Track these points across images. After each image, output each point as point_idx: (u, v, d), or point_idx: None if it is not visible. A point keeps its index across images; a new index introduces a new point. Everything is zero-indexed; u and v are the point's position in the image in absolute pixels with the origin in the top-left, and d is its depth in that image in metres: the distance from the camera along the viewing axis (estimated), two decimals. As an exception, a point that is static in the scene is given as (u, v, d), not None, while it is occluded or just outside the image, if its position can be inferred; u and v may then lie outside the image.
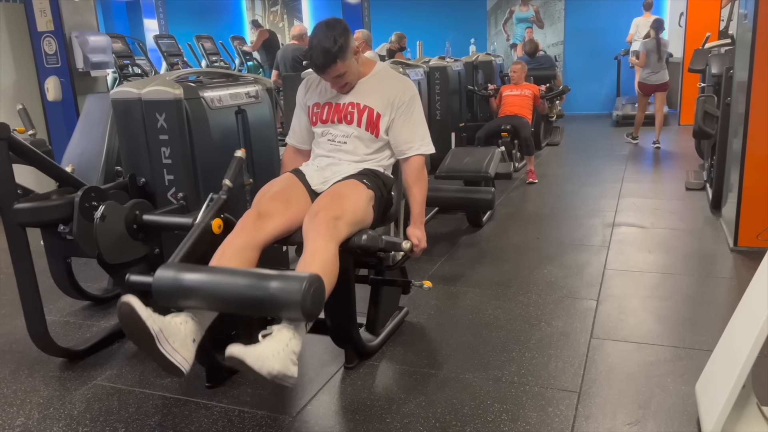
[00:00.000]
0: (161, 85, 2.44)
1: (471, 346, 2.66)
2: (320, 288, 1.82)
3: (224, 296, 1.85)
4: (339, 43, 2.23)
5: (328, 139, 2.43)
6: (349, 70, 2.33)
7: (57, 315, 3.20)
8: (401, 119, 2.38)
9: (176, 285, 1.89)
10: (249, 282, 1.82)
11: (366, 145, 2.40)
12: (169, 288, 1.90)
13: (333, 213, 2.05)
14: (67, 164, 3.23)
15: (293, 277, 1.80)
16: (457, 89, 6.12)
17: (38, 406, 2.35)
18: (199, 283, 1.88)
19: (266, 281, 1.80)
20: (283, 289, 1.77)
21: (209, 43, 8.67)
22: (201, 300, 1.90)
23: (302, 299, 1.74)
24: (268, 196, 2.23)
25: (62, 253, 2.89)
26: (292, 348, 1.83)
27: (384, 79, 2.43)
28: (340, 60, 2.26)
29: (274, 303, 1.78)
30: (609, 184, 5.50)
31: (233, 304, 1.88)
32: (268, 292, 1.78)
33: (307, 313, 1.77)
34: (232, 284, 1.84)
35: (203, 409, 2.27)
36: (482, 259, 3.78)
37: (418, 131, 2.41)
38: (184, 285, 1.89)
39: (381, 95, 2.38)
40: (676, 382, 2.32)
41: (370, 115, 2.36)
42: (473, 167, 4.11)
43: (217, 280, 1.87)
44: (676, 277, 3.38)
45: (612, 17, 10.31)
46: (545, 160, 6.96)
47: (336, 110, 2.41)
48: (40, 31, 5.42)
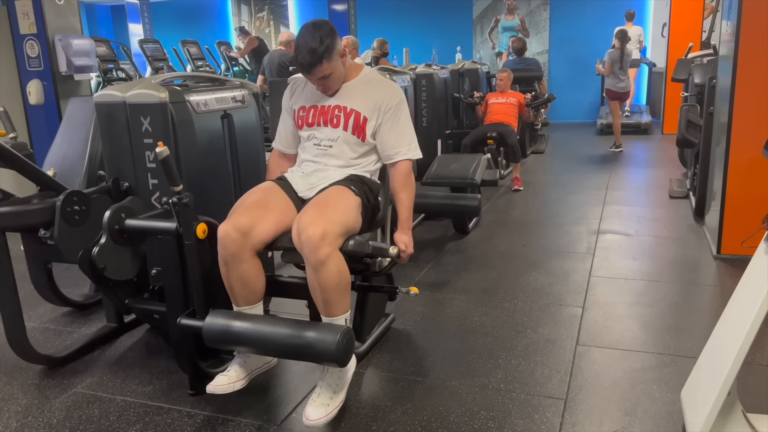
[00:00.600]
0: (146, 89, 2.41)
1: (457, 353, 2.65)
2: (351, 339, 2.04)
3: (270, 345, 2.08)
4: (326, 44, 2.22)
5: (314, 144, 2.41)
6: (335, 71, 2.31)
7: (37, 321, 3.14)
8: (388, 124, 2.37)
9: (226, 332, 2.11)
10: (290, 332, 2.03)
11: (352, 149, 2.38)
12: (220, 335, 2.12)
13: (321, 229, 2.03)
14: (48, 168, 3.19)
15: (329, 330, 2.00)
16: (443, 96, 6.13)
17: (16, 415, 2.30)
18: (246, 332, 2.09)
19: (304, 332, 2.01)
20: (320, 340, 1.98)
21: (195, 48, 8.62)
22: (250, 347, 2.14)
23: (336, 351, 1.94)
24: (242, 208, 2.21)
25: (43, 258, 2.85)
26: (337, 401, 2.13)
27: (371, 83, 2.42)
28: (326, 60, 2.25)
29: (313, 353, 2.00)
30: (594, 192, 5.54)
31: (276, 350, 2.14)
32: (307, 342, 1.99)
33: (341, 363, 2.00)
34: (275, 333, 2.05)
35: (186, 417, 2.24)
36: (468, 265, 3.78)
37: (405, 136, 2.40)
38: (232, 333, 2.10)
39: (368, 99, 2.37)
40: (662, 389, 2.32)
41: (356, 118, 2.35)
42: (459, 174, 4.11)
43: (261, 329, 2.08)
44: (660, 284, 3.39)
45: (596, 26, 10.42)
46: (530, 167, 7.00)
47: (322, 113, 2.39)
48: (22, 33, 5.35)
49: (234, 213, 2.21)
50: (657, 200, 5.22)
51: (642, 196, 5.49)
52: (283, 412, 2.27)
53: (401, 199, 2.37)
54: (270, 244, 2.21)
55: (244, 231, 2.12)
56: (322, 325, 2.09)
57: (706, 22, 8.76)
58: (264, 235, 2.16)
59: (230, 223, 2.15)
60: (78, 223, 2.47)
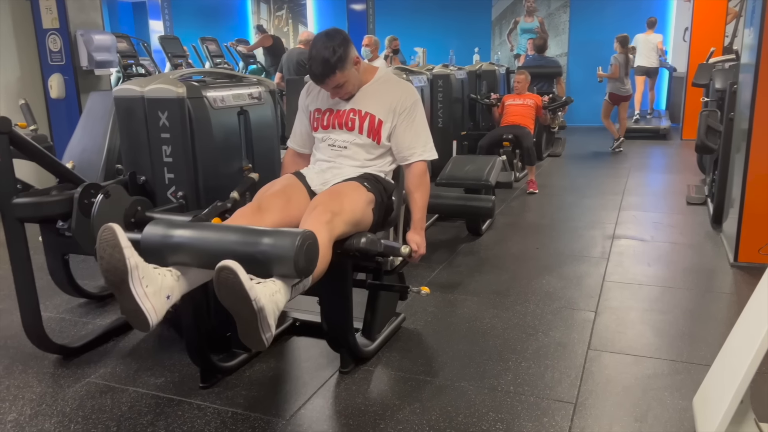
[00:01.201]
0: (164, 84, 2.44)
1: (467, 355, 2.65)
2: (314, 245, 1.78)
3: (214, 252, 1.76)
4: (338, 54, 2.23)
5: (329, 145, 2.42)
6: (349, 80, 2.32)
7: (53, 311, 3.19)
8: (403, 125, 2.37)
9: (165, 241, 1.84)
10: (240, 238, 1.78)
11: (367, 151, 2.39)
12: (158, 244, 1.84)
13: (330, 208, 2.04)
14: (68, 161, 3.24)
15: (286, 233, 1.76)
16: (459, 97, 6.12)
17: (31, 403, 2.33)
18: (188, 239, 1.82)
19: (258, 237, 1.76)
20: (275, 244, 1.72)
21: (213, 45, 8.68)
22: (189, 255, 1.83)
23: (295, 254, 1.69)
24: (270, 193, 2.23)
25: (60, 249, 2.89)
26: (277, 300, 1.73)
27: (385, 85, 2.43)
28: (339, 70, 2.25)
29: (267, 259, 1.72)
30: (610, 197, 5.49)
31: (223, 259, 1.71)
32: (260, 248, 1.73)
33: (300, 269, 1.72)
34: (223, 240, 1.79)
35: (196, 410, 2.26)
36: (481, 267, 3.77)
37: (420, 137, 2.40)
38: (173, 240, 1.83)
39: (383, 102, 2.37)
40: (674, 396, 2.30)
41: (371, 122, 2.36)
42: (474, 175, 4.10)
43: (206, 236, 1.82)
44: (675, 290, 3.36)
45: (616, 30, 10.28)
46: (546, 170, 6.96)
47: (337, 117, 2.40)
48: (45, 28, 5.43)
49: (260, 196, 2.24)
50: (674, 206, 5.17)
51: (659, 202, 5.44)
52: (292, 407, 2.28)
53: (415, 200, 2.38)
54: None
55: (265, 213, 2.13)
56: (281, 229, 1.86)
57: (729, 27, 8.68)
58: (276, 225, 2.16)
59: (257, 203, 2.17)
60: (95, 215, 2.49)
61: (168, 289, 1.80)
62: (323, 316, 2.43)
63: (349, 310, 2.39)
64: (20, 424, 2.19)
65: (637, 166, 7.04)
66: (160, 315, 1.78)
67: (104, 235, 1.71)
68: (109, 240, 1.70)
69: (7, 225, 2.41)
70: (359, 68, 2.36)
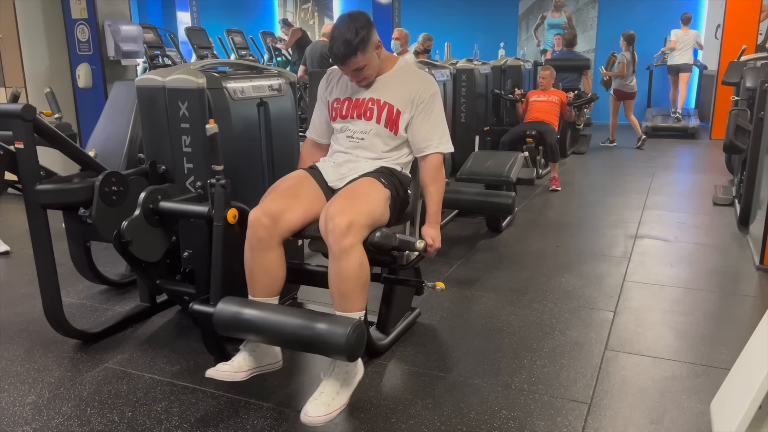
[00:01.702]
0: (185, 74, 2.46)
1: (482, 351, 2.63)
2: (363, 332, 1.98)
3: (279, 334, 2.04)
4: (361, 35, 2.21)
5: (347, 135, 2.41)
6: (369, 63, 2.30)
7: (75, 297, 3.24)
8: (421, 116, 2.36)
9: (236, 320, 2.07)
10: (300, 323, 2.00)
11: (384, 142, 2.38)
12: (229, 322, 2.09)
13: (349, 218, 2.03)
14: (91, 149, 3.28)
15: (339, 322, 1.95)
16: (483, 92, 6.08)
17: (49, 386, 2.38)
18: (256, 320, 2.05)
19: (315, 323, 1.97)
20: (330, 332, 1.92)
21: (239, 38, 8.73)
22: (259, 335, 2.10)
23: (346, 344, 1.90)
24: (274, 195, 2.22)
25: (82, 236, 2.93)
26: (339, 402, 2.03)
27: (405, 75, 2.41)
28: (360, 52, 2.24)
29: (322, 344, 1.95)
30: (634, 195, 5.41)
31: (286, 340, 2.08)
32: (316, 333, 1.95)
33: (350, 357, 1.96)
34: (285, 323, 2.01)
35: (210, 398, 2.28)
36: (499, 264, 3.74)
37: (437, 129, 2.38)
38: (242, 320, 2.06)
39: (402, 92, 2.36)
40: (691, 399, 2.26)
41: (389, 111, 2.34)
42: (494, 171, 4.07)
43: (272, 318, 2.04)
44: (697, 292, 3.30)
45: (646, 27, 10.14)
46: (570, 168, 6.88)
47: (355, 106, 2.39)
48: (74, 18, 5.51)
49: (266, 199, 2.23)
50: (700, 206, 5.07)
51: (684, 202, 5.34)
52: (304, 399, 2.25)
53: (430, 193, 2.36)
54: (298, 233, 2.23)
55: (274, 217, 2.14)
56: (334, 317, 2.04)
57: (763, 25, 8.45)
58: (292, 223, 2.18)
59: (261, 208, 2.17)
60: (115, 203, 2.53)
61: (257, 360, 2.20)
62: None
63: (364, 303, 2.38)
64: (38, 406, 2.23)
65: (663, 165, 6.92)
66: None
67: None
68: None
69: (29, 211, 2.45)
70: (380, 53, 2.34)
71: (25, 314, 3.01)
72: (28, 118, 2.33)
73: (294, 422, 2.13)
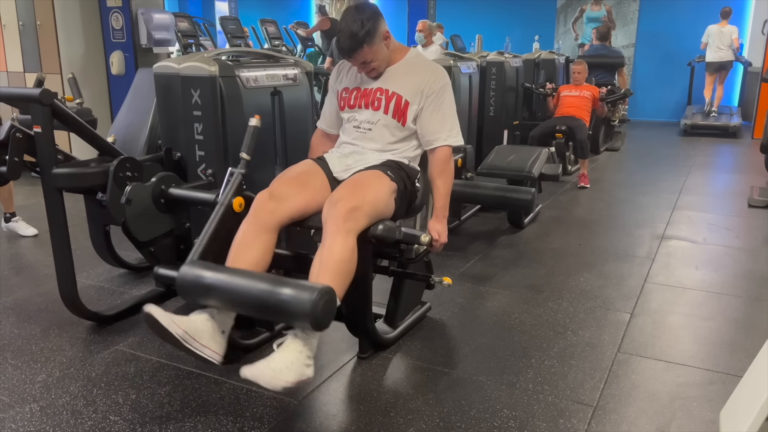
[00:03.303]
0: (198, 62, 2.47)
1: (490, 349, 2.59)
2: (331, 300, 1.85)
3: (242, 299, 1.92)
4: (366, 28, 2.19)
5: (354, 126, 2.39)
6: (377, 55, 2.28)
7: (94, 280, 3.31)
8: (430, 108, 2.32)
9: (197, 284, 1.97)
10: (264, 287, 1.87)
11: (391, 133, 2.35)
12: (191, 286, 1.99)
13: (352, 203, 2.02)
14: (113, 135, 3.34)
15: (305, 288, 1.83)
16: (513, 86, 5.99)
17: (60, 365, 2.43)
18: (218, 284, 1.94)
19: (280, 288, 1.84)
20: (294, 297, 1.80)
21: (273, 28, 8.77)
22: (219, 300, 1.97)
23: (312, 311, 1.77)
24: (283, 180, 2.22)
25: (101, 220, 2.99)
26: (306, 354, 1.90)
27: (415, 66, 2.37)
28: (367, 45, 2.22)
29: (286, 311, 1.83)
30: (665, 195, 5.25)
31: (249, 307, 1.96)
32: (281, 299, 1.82)
33: (316, 325, 1.81)
34: (249, 288, 1.89)
35: (213, 384, 2.30)
36: (518, 261, 3.68)
37: (446, 122, 2.34)
38: (205, 284, 1.96)
39: (411, 82, 2.32)
40: (702, 407, 2.18)
41: (398, 102, 2.31)
42: (516, 166, 3.99)
43: (235, 282, 1.93)
44: (721, 296, 3.18)
45: (688, 21, 9.85)
46: (602, 164, 6.73)
47: (364, 95, 2.37)
48: (109, 6, 5.62)
49: (275, 183, 2.23)
50: (734, 208, 4.90)
51: (717, 203, 5.17)
52: (307, 389, 2.28)
53: (437, 187, 2.32)
54: (299, 222, 2.22)
55: (280, 202, 2.13)
56: (302, 282, 1.90)
57: (812, 21, 8.11)
58: (294, 211, 2.17)
59: (269, 191, 2.16)
60: (129, 188, 2.57)
61: (219, 327, 2.02)
62: (343, 301, 2.41)
63: (368, 295, 2.37)
64: (47, 385, 2.29)
65: (699, 164, 6.71)
66: (223, 349, 2.02)
67: (148, 320, 1.94)
68: (153, 323, 1.93)
69: (46, 194, 2.51)
70: (389, 44, 2.31)
71: (45, 294, 3.08)
72: (46, 103, 2.38)
73: (293, 412, 2.14)
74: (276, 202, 2.13)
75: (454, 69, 4.28)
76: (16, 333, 2.71)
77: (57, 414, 2.11)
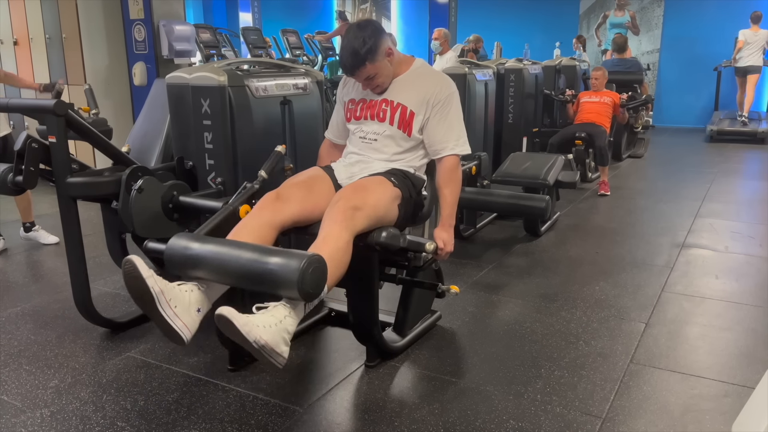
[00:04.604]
0: (208, 72, 2.50)
1: (499, 358, 2.56)
2: (321, 269, 1.77)
3: (228, 268, 1.84)
4: (368, 45, 2.20)
5: (360, 137, 2.40)
6: (380, 72, 2.29)
7: (111, 287, 3.37)
8: (437, 118, 2.31)
9: (185, 254, 1.91)
10: (252, 256, 1.80)
11: (397, 143, 2.35)
12: (179, 257, 1.92)
13: (352, 203, 2.02)
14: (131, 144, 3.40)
15: (294, 255, 1.76)
16: (532, 93, 5.93)
17: (73, 371, 2.47)
18: (206, 254, 1.88)
19: (267, 257, 1.78)
20: (282, 265, 1.74)
21: (294, 37, 8.85)
22: (207, 271, 1.89)
23: (300, 278, 1.70)
24: (291, 183, 2.24)
25: (117, 228, 3.04)
26: (286, 326, 1.79)
27: (421, 76, 2.37)
28: (369, 62, 2.24)
29: (273, 279, 1.75)
30: (688, 202, 5.15)
31: (236, 276, 1.85)
32: (268, 268, 1.75)
33: (304, 293, 1.73)
34: (236, 257, 1.82)
35: (220, 391, 2.31)
36: (532, 269, 3.64)
37: (453, 131, 2.33)
38: (192, 254, 1.90)
39: (417, 93, 2.33)
40: (715, 420, 2.13)
41: (402, 113, 2.32)
42: (531, 173, 3.96)
43: (222, 252, 1.86)
44: (741, 307, 3.10)
45: (715, 26, 9.68)
46: (624, 171, 6.64)
47: (369, 107, 2.38)
48: (132, 18, 5.73)
49: (283, 186, 2.25)
50: (758, 216, 4.78)
51: (742, 211, 5.05)
52: (312, 396, 2.29)
53: (444, 195, 2.32)
54: (303, 227, 2.23)
55: (286, 201, 2.14)
56: (292, 251, 1.85)
57: None
58: (297, 213, 2.16)
59: (277, 192, 2.18)
60: (141, 197, 2.61)
61: (196, 303, 1.91)
62: (349, 309, 2.42)
63: (374, 304, 2.36)
64: (59, 390, 2.33)
65: (725, 171, 6.57)
66: (194, 328, 1.90)
67: (126, 267, 1.82)
68: (131, 272, 1.81)
69: (61, 202, 2.56)
70: (392, 60, 2.32)
71: (63, 301, 3.14)
72: (60, 113, 2.43)
73: (297, 420, 2.14)
74: (282, 202, 2.14)
75: (469, 77, 4.27)
76: (33, 339, 2.76)
77: (66, 419, 2.14)
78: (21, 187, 2.57)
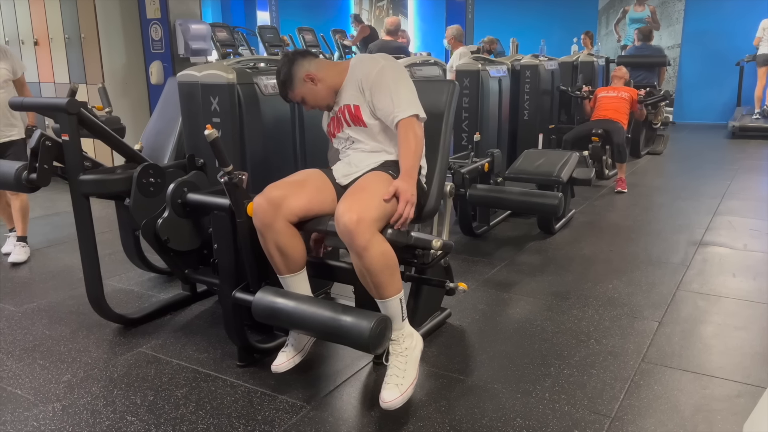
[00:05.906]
0: (217, 70, 2.52)
1: (508, 356, 2.54)
2: (386, 327, 2.05)
3: (308, 325, 2.15)
4: (282, 77, 2.37)
5: (342, 148, 2.47)
6: (305, 95, 2.39)
7: (125, 283, 3.41)
8: (377, 95, 2.29)
9: (271, 310, 2.20)
10: (328, 315, 2.08)
11: (365, 138, 2.38)
12: (265, 311, 2.21)
13: (355, 216, 2.00)
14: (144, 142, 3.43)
15: (365, 316, 2.02)
16: (548, 89, 5.88)
17: (85, 366, 2.51)
18: (288, 311, 2.17)
19: (341, 316, 2.05)
20: (354, 325, 2.00)
21: (310, 36, 8.88)
22: (290, 325, 2.25)
23: (369, 339, 1.97)
24: (277, 184, 2.25)
25: (131, 225, 3.08)
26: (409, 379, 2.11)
27: (353, 71, 2.39)
28: (290, 90, 2.38)
29: (348, 337, 2.04)
30: (706, 200, 5.07)
31: (315, 331, 2.19)
32: (342, 326, 2.03)
33: (371, 350, 2.04)
34: (315, 315, 2.11)
35: (229, 387, 2.33)
36: (545, 267, 3.61)
37: (398, 97, 2.27)
38: (276, 310, 2.19)
39: (351, 87, 2.36)
40: (726, 420, 2.09)
41: (350, 111, 2.36)
42: (544, 170, 3.92)
43: (301, 310, 2.15)
44: (758, 305, 3.05)
45: (737, 20, 9.50)
46: (642, 168, 6.55)
47: (335, 121, 2.44)
48: (149, 18, 5.79)
49: (267, 188, 2.26)
50: (779, 213, 4.69)
51: (762, 208, 4.95)
52: (320, 393, 2.30)
53: (401, 151, 2.25)
54: (306, 220, 2.23)
55: (275, 203, 2.16)
56: (360, 311, 2.09)
57: None
58: (296, 207, 2.18)
59: (262, 195, 2.21)
60: (152, 194, 2.64)
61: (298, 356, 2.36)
62: (357, 305, 2.42)
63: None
64: (71, 385, 2.36)
65: (745, 168, 6.45)
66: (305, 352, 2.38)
67: None
68: None
69: (74, 199, 2.60)
70: (318, 82, 2.36)
71: (78, 297, 3.19)
72: (72, 112, 2.46)
73: (304, 417, 2.15)
74: (270, 203, 2.17)
75: (482, 73, 4.24)
76: (47, 334, 2.81)
77: (77, 413, 2.17)
78: (35, 184, 2.61)
